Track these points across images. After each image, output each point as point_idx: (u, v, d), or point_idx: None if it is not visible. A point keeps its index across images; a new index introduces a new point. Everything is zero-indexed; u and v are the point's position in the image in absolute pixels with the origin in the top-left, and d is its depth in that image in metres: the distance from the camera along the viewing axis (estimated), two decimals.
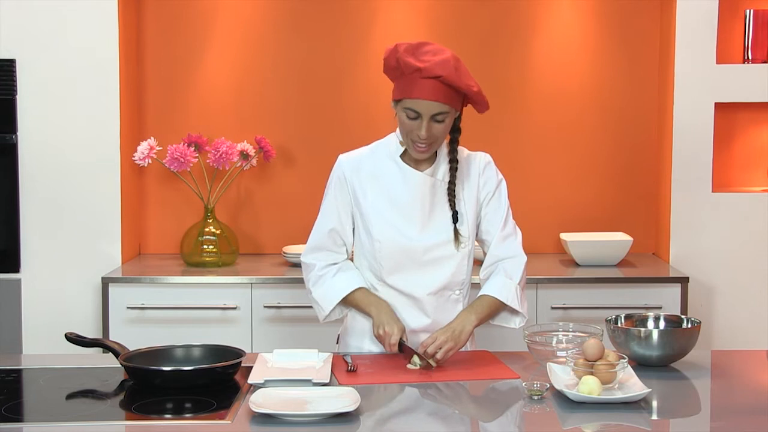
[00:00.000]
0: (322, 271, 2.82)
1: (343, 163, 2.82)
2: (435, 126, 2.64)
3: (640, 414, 2.28)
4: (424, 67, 2.58)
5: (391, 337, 2.65)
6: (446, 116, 2.64)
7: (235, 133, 4.29)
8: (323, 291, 2.82)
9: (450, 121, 2.67)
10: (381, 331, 2.68)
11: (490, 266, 2.84)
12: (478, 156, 2.84)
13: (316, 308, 2.86)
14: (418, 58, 2.61)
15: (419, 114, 2.62)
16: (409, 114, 2.64)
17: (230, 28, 4.35)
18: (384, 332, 2.67)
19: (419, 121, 2.63)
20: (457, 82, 2.60)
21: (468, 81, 2.63)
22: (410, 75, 2.61)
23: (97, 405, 2.38)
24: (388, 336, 2.66)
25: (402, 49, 2.63)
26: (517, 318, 2.82)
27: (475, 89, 2.64)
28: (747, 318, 4.15)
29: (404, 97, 2.63)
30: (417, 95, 2.60)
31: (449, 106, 2.62)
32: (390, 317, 2.71)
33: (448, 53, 2.63)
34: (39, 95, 4.03)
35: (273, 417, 2.20)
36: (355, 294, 2.79)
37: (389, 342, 2.66)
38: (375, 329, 2.71)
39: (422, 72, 2.59)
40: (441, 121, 2.64)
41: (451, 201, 2.75)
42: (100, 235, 4.08)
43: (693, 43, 4.11)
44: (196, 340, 2.86)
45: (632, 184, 4.42)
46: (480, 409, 2.43)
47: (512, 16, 4.34)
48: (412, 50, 2.63)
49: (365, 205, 2.78)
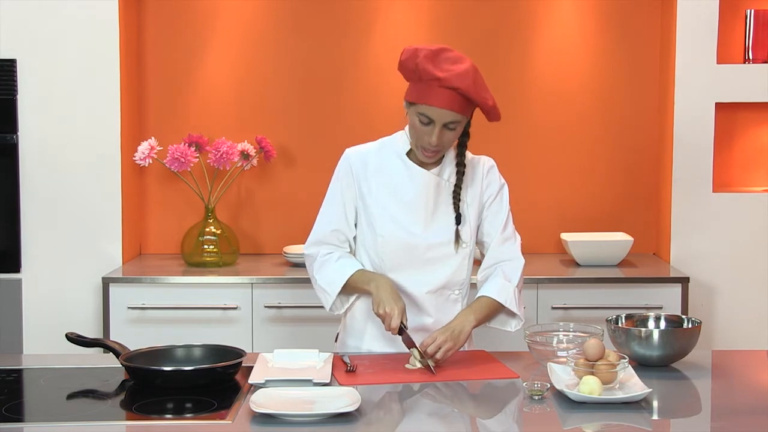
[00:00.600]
0: (324, 257, 2.82)
1: (351, 156, 2.82)
2: (446, 133, 2.66)
3: (640, 414, 2.28)
4: (443, 77, 2.59)
5: (392, 320, 2.63)
6: (458, 124, 2.66)
7: (235, 133, 4.29)
8: (327, 275, 2.80)
9: (461, 129, 2.69)
10: (381, 310, 2.66)
11: (488, 268, 2.84)
12: (482, 160, 2.86)
13: (321, 296, 2.83)
14: (437, 66, 2.61)
15: (432, 120, 2.63)
16: (422, 119, 2.65)
17: (231, 28, 4.35)
18: (384, 312, 2.65)
19: (431, 128, 2.64)
20: (474, 95, 2.61)
21: (484, 94, 2.65)
22: (428, 82, 2.61)
23: (98, 405, 2.38)
24: (388, 317, 2.65)
25: (422, 56, 2.62)
26: (514, 321, 2.82)
27: (491, 103, 2.66)
28: (747, 318, 4.15)
29: (419, 102, 2.64)
30: (433, 103, 2.61)
31: (462, 116, 2.64)
32: (389, 295, 2.68)
33: (468, 63, 2.64)
34: (39, 95, 4.03)
35: (274, 417, 2.20)
36: (355, 275, 2.77)
37: (390, 324, 2.64)
38: (375, 306, 2.68)
39: (441, 81, 2.59)
40: (452, 129, 2.66)
41: (456, 204, 2.76)
42: (100, 235, 4.08)
43: (693, 43, 4.11)
44: (196, 340, 2.86)
45: (633, 184, 4.42)
46: (480, 409, 2.43)
47: (512, 16, 4.35)
48: (432, 57, 2.63)
49: (370, 199, 2.78)
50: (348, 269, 2.78)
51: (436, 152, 2.70)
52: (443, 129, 2.64)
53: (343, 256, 2.82)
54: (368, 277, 2.75)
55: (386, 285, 2.71)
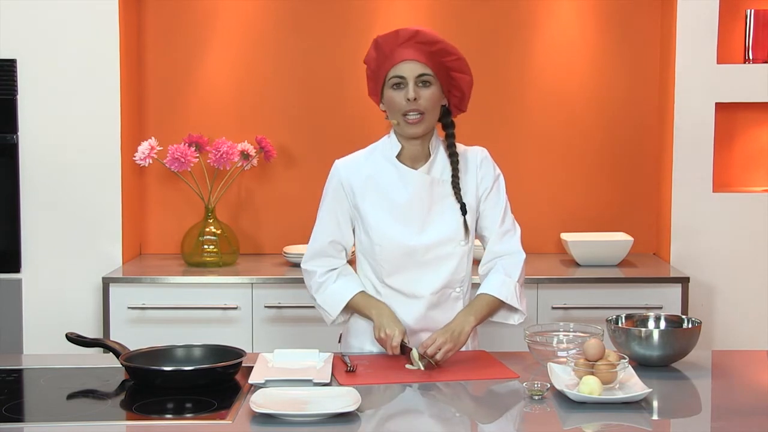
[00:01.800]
0: (322, 278, 2.83)
1: (340, 168, 2.82)
2: (421, 91, 2.67)
3: (640, 414, 2.28)
4: (401, 32, 2.66)
5: (393, 340, 2.66)
6: (431, 80, 2.67)
7: (235, 133, 4.29)
8: (327, 297, 2.83)
9: (437, 91, 2.69)
10: (382, 334, 2.69)
11: (488, 262, 2.84)
12: (475, 150, 2.84)
13: (322, 314, 2.87)
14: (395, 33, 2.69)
15: (403, 78, 2.66)
16: (395, 82, 2.67)
17: (230, 28, 4.35)
18: (385, 335, 2.68)
19: (405, 89, 2.66)
20: (434, 35, 2.66)
21: (445, 43, 2.68)
22: (390, 48, 2.67)
23: (98, 405, 2.38)
24: (389, 338, 2.66)
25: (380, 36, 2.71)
26: (516, 315, 2.82)
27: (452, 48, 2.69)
28: (747, 318, 4.15)
29: (388, 68, 2.67)
30: (398, 59, 2.66)
31: (432, 71, 2.66)
32: (390, 319, 2.71)
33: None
34: (39, 95, 4.03)
35: (274, 417, 2.20)
36: (355, 298, 2.79)
37: (391, 345, 2.66)
38: (376, 332, 2.71)
39: (399, 35, 2.66)
40: (427, 86, 2.67)
41: (457, 194, 2.75)
42: (100, 235, 4.08)
43: (693, 43, 4.11)
44: (196, 340, 2.86)
45: (633, 184, 4.42)
46: (480, 408, 2.43)
47: (512, 16, 4.34)
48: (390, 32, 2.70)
49: (364, 208, 2.78)
50: (348, 292, 2.80)
51: (419, 115, 2.68)
52: (417, 87, 2.66)
53: (342, 274, 2.84)
54: (369, 304, 2.77)
55: (386, 311, 2.74)
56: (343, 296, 2.80)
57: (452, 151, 2.76)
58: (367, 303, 2.78)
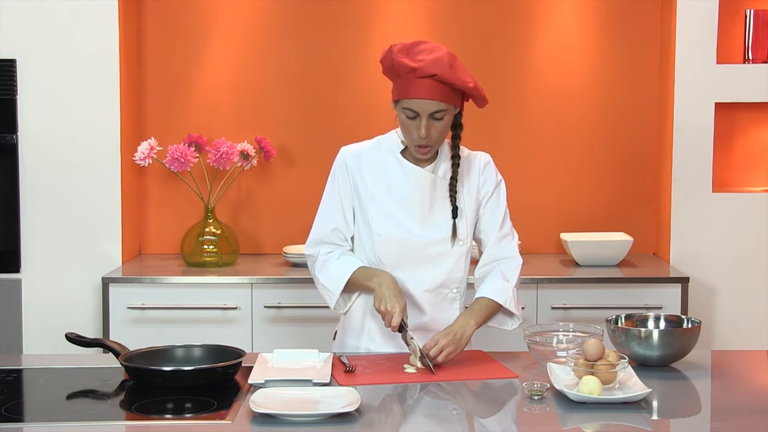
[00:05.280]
0: (325, 256, 2.81)
1: (345, 154, 2.82)
2: (434, 124, 2.65)
3: (640, 414, 2.28)
4: (418, 67, 2.60)
5: (393, 318, 2.63)
6: (445, 113, 2.65)
7: (235, 133, 4.30)
8: (329, 274, 2.79)
9: (449, 118, 2.68)
10: (383, 307, 2.66)
11: (485, 266, 2.84)
12: (479, 155, 2.85)
13: (325, 295, 2.83)
14: (412, 58, 2.62)
15: (417, 113, 2.63)
16: (408, 114, 2.65)
17: (230, 28, 4.35)
18: (385, 309, 2.65)
19: (418, 121, 2.64)
20: (452, 79, 2.60)
21: (464, 77, 2.63)
22: (406, 75, 2.62)
23: (98, 405, 2.38)
24: (389, 314, 2.65)
25: (396, 50, 2.65)
26: (512, 320, 2.83)
27: (471, 85, 2.65)
28: (747, 318, 4.15)
29: (401, 97, 2.65)
30: (413, 95, 2.61)
31: (447, 104, 2.63)
32: (391, 292, 2.68)
33: (443, 51, 2.64)
34: (39, 95, 4.03)
35: (273, 417, 2.20)
36: (357, 272, 2.76)
37: (390, 323, 2.64)
38: (376, 302, 2.68)
39: (417, 72, 2.60)
40: (440, 119, 2.65)
41: (452, 196, 2.76)
42: (100, 235, 4.08)
43: (693, 43, 4.11)
44: (196, 340, 2.86)
45: (633, 184, 4.42)
46: (479, 409, 2.43)
47: (512, 16, 4.35)
48: (406, 50, 2.65)
49: (366, 197, 2.78)
50: (350, 267, 2.78)
51: (428, 147, 2.69)
52: (430, 120, 2.64)
53: (344, 254, 2.82)
54: (370, 274, 2.75)
55: (388, 281, 2.71)
56: (344, 272, 2.76)
57: (455, 153, 2.77)
58: (368, 273, 2.75)
